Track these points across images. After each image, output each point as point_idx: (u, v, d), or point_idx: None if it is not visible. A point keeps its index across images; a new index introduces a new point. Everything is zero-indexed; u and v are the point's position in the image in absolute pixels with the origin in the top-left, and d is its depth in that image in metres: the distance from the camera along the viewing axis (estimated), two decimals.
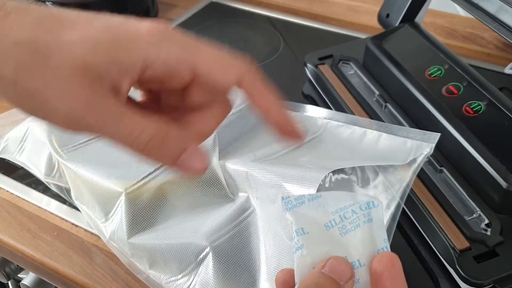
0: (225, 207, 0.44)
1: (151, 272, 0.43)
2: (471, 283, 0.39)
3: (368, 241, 0.27)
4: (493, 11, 0.47)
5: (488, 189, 0.44)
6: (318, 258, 0.26)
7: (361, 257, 0.27)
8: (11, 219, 0.51)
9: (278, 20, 0.84)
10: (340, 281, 0.25)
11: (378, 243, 0.27)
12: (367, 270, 0.26)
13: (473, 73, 0.51)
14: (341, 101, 0.57)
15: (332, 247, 0.27)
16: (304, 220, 0.27)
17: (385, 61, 0.57)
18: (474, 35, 0.76)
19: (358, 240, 0.27)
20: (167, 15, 0.86)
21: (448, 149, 0.47)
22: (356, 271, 0.26)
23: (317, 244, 0.27)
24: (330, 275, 0.25)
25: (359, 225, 0.27)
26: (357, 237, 0.27)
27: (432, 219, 0.43)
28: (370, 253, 0.27)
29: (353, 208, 0.27)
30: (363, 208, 0.27)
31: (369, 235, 0.27)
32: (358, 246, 0.27)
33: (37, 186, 0.54)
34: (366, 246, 0.27)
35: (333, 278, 0.25)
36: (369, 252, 0.27)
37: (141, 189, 0.45)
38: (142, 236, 0.44)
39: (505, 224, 0.42)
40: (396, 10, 0.62)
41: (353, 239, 0.27)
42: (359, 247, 0.27)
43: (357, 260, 0.27)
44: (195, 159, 0.27)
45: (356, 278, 0.26)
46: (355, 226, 0.27)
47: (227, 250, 0.41)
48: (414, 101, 0.52)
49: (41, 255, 0.48)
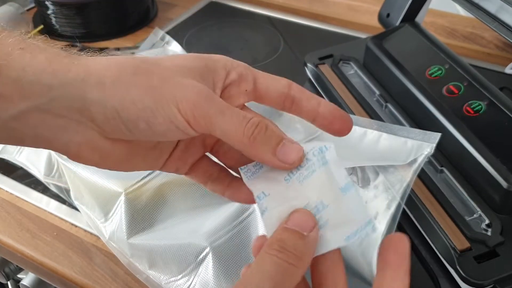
0: (225, 207, 0.44)
1: (151, 272, 0.43)
2: (471, 283, 0.39)
3: (328, 182, 0.27)
4: (493, 11, 0.47)
5: (488, 189, 0.43)
6: (283, 214, 0.27)
7: (324, 198, 0.27)
8: (10, 219, 0.51)
9: (278, 20, 0.84)
10: (304, 232, 0.25)
11: (340, 181, 0.27)
12: (335, 208, 0.27)
13: (474, 73, 0.51)
14: (341, 101, 0.57)
15: (294, 198, 0.27)
16: (264, 183, 0.28)
17: (385, 61, 0.57)
18: (475, 34, 0.76)
19: (317, 183, 0.28)
20: (167, 15, 0.86)
21: (449, 149, 0.47)
22: (322, 213, 0.27)
23: (280, 201, 0.27)
24: (292, 228, 0.26)
25: (315, 169, 0.28)
26: (316, 180, 0.28)
27: (433, 219, 0.43)
28: (333, 192, 0.27)
29: (307, 156, 0.28)
30: (316, 154, 0.28)
31: (327, 176, 0.28)
32: (319, 189, 0.27)
33: (36, 186, 0.54)
34: (327, 186, 0.27)
35: (296, 231, 0.25)
36: (332, 191, 0.27)
37: (141, 189, 0.45)
38: (141, 237, 0.44)
39: (506, 224, 0.42)
40: (396, 10, 0.62)
41: (312, 183, 0.28)
42: (319, 189, 0.27)
43: (320, 202, 0.27)
44: (292, 150, 0.28)
45: (324, 220, 0.27)
46: (311, 172, 0.28)
47: (227, 251, 0.41)
48: (414, 101, 0.52)
49: (41, 255, 0.48)
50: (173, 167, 0.32)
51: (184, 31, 0.81)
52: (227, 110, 0.27)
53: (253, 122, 0.27)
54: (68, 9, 0.76)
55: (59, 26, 0.79)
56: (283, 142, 0.28)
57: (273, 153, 0.27)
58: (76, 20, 0.78)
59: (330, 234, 0.26)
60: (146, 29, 0.82)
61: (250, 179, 0.29)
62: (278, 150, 0.27)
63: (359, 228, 0.26)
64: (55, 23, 0.79)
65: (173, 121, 0.27)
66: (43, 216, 0.51)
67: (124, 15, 0.80)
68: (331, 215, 0.27)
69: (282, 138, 0.28)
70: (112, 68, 0.27)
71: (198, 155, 0.33)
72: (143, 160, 0.31)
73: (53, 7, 0.77)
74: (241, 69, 0.30)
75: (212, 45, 0.78)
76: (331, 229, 0.26)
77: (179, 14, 0.86)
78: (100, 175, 0.47)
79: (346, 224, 0.26)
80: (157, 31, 0.73)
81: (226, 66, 0.30)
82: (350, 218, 0.27)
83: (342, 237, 0.26)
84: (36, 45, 0.27)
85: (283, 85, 0.31)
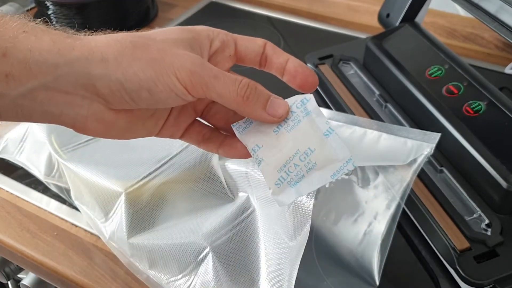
0: (225, 207, 0.44)
1: (151, 272, 0.43)
2: (471, 283, 0.39)
3: (312, 129, 0.31)
4: (493, 11, 0.47)
5: (488, 189, 0.43)
6: (278, 162, 0.31)
7: (310, 144, 0.31)
8: (10, 219, 0.51)
9: (278, 20, 0.84)
10: None
11: (322, 127, 0.31)
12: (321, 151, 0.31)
13: (474, 73, 0.51)
14: (341, 101, 0.57)
15: (285, 146, 0.31)
16: (256, 137, 0.32)
17: (385, 61, 0.57)
18: (475, 35, 0.76)
19: (303, 131, 0.31)
20: (167, 15, 0.86)
21: (448, 149, 0.47)
22: (311, 157, 0.31)
23: (273, 151, 0.31)
24: None
25: (300, 120, 0.32)
26: (302, 129, 0.31)
27: (432, 219, 0.43)
28: (318, 137, 0.31)
29: (292, 109, 0.32)
30: (299, 106, 0.32)
31: (311, 124, 0.31)
32: (305, 136, 0.31)
33: (36, 186, 0.54)
34: (312, 133, 0.31)
35: None
36: (316, 137, 0.31)
37: (141, 189, 0.45)
38: (142, 236, 0.44)
39: (506, 224, 0.42)
40: (396, 10, 0.62)
41: (298, 132, 0.31)
42: (306, 137, 0.31)
43: (308, 148, 0.31)
44: (279, 105, 0.31)
45: (313, 163, 0.31)
46: (297, 122, 0.32)
47: (227, 250, 0.41)
48: (414, 101, 0.52)
49: (41, 255, 0.48)
50: (168, 133, 0.35)
51: None
52: (220, 74, 0.30)
53: (244, 83, 0.30)
54: (68, 9, 0.76)
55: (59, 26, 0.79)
56: (271, 99, 0.31)
57: (263, 109, 0.31)
58: (76, 20, 0.78)
59: (319, 173, 0.31)
60: (146, 29, 0.81)
61: (243, 133, 0.32)
62: (268, 106, 0.31)
63: (342, 166, 0.31)
64: (55, 23, 0.79)
65: (173, 89, 0.29)
66: (43, 216, 0.52)
67: (124, 15, 0.80)
68: (318, 157, 0.31)
69: (269, 95, 0.31)
70: (112, 44, 0.29)
71: (190, 120, 0.35)
72: (142, 128, 0.33)
73: (53, 7, 0.77)
74: (222, 36, 0.33)
75: None
76: (319, 169, 0.31)
77: (179, 14, 0.86)
78: (100, 175, 0.47)
79: (331, 163, 0.31)
80: None
81: (209, 36, 0.32)
82: (334, 158, 0.31)
83: (329, 174, 0.31)
84: (39, 27, 0.29)
85: (259, 45, 0.33)
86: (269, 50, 0.33)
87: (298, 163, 0.31)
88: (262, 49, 0.33)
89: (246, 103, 0.30)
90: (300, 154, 0.31)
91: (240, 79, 0.30)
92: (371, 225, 0.40)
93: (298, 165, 0.31)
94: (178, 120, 0.34)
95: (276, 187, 0.31)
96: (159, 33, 0.31)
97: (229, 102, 0.30)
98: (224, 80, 0.29)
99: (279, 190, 0.31)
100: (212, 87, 0.29)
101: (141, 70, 0.28)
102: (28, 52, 0.27)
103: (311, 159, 0.31)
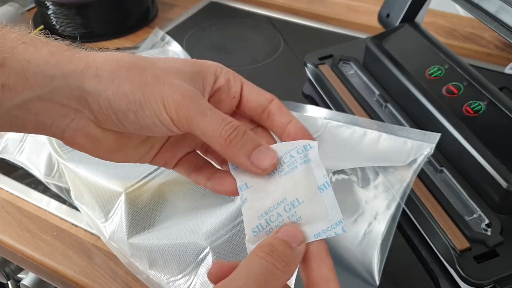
0: (225, 207, 0.44)
1: (151, 272, 0.43)
2: (471, 283, 0.39)
3: (306, 179, 0.29)
4: (493, 11, 0.47)
5: (488, 189, 0.43)
6: (260, 207, 0.29)
7: (299, 195, 0.28)
8: (10, 219, 0.51)
9: (278, 20, 0.84)
10: (293, 244, 0.27)
11: (319, 180, 0.29)
12: (309, 206, 0.28)
13: (473, 73, 0.51)
14: (341, 101, 0.57)
15: (273, 192, 0.29)
16: (248, 176, 0.30)
17: (385, 61, 0.57)
18: (474, 35, 0.76)
19: (296, 180, 0.29)
20: (167, 15, 0.86)
21: (448, 149, 0.47)
22: (296, 210, 0.28)
23: (259, 195, 0.29)
24: (283, 238, 0.27)
25: (296, 166, 0.29)
26: (295, 177, 0.29)
27: (432, 219, 0.43)
28: (310, 190, 0.29)
29: (291, 153, 0.30)
30: (300, 151, 0.30)
31: (307, 173, 0.29)
32: (297, 185, 0.29)
33: (36, 186, 0.54)
34: (305, 184, 0.29)
35: (285, 240, 0.27)
36: (309, 189, 0.29)
37: (141, 189, 0.45)
38: (142, 236, 0.44)
39: (506, 224, 0.42)
40: (396, 10, 0.62)
41: (291, 179, 0.29)
42: (297, 186, 0.29)
43: (296, 199, 0.28)
44: (267, 156, 0.29)
45: (297, 216, 0.28)
46: (292, 168, 0.29)
47: (227, 250, 0.41)
48: (414, 101, 0.52)
49: (41, 255, 0.48)
50: (162, 161, 0.34)
51: (184, 31, 0.81)
52: (208, 111, 0.28)
53: (231, 125, 0.28)
54: (68, 9, 0.77)
55: (59, 26, 0.79)
56: (259, 148, 0.29)
57: (247, 157, 0.29)
58: (76, 20, 0.78)
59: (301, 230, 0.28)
60: (146, 29, 0.82)
61: (236, 169, 0.31)
62: (253, 155, 0.29)
63: (329, 227, 0.28)
64: (55, 23, 0.79)
65: (159, 117, 0.28)
66: (43, 216, 0.52)
67: (124, 15, 0.80)
68: (305, 211, 0.28)
69: (258, 144, 0.29)
70: (109, 62, 0.29)
71: (188, 150, 0.34)
72: (134, 152, 0.32)
73: (53, 7, 0.77)
74: (230, 75, 0.32)
75: (212, 45, 0.78)
76: (303, 225, 0.28)
77: (179, 14, 0.86)
78: (100, 175, 0.47)
79: (317, 222, 0.28)
80: (157, 31, 0.74)
81: (216, 72, 0.32)
82: (322, 217, 0.28)
83: (312, 234, 0.28)
84: (38, 39, 0.29)
85: (266, 98, 0.32)
86: (275, 106, 0.32)
87: (282, 213, 0.28)
88: (267, 102, 0.32)
89: (228, 147, 0.28)
90: (286, 204, 0.28)
91: (228, 120, 0.29)
92: (371, 225, 0.40)
93: (281, 215, 0.28)
94: (175, 149, 0.33)
95: (253, 234, 0.28)
96: (161, 60, 0.30)
97: (211, 141, 0.28)
98: (211, 117, 0.28)
99: (255, 238, 0.28)
100: (196, 122, 0.28)
101: (131, 92, 0.28)
102: (26, 63, 0.27)
103: (296, 212, 0.28)
